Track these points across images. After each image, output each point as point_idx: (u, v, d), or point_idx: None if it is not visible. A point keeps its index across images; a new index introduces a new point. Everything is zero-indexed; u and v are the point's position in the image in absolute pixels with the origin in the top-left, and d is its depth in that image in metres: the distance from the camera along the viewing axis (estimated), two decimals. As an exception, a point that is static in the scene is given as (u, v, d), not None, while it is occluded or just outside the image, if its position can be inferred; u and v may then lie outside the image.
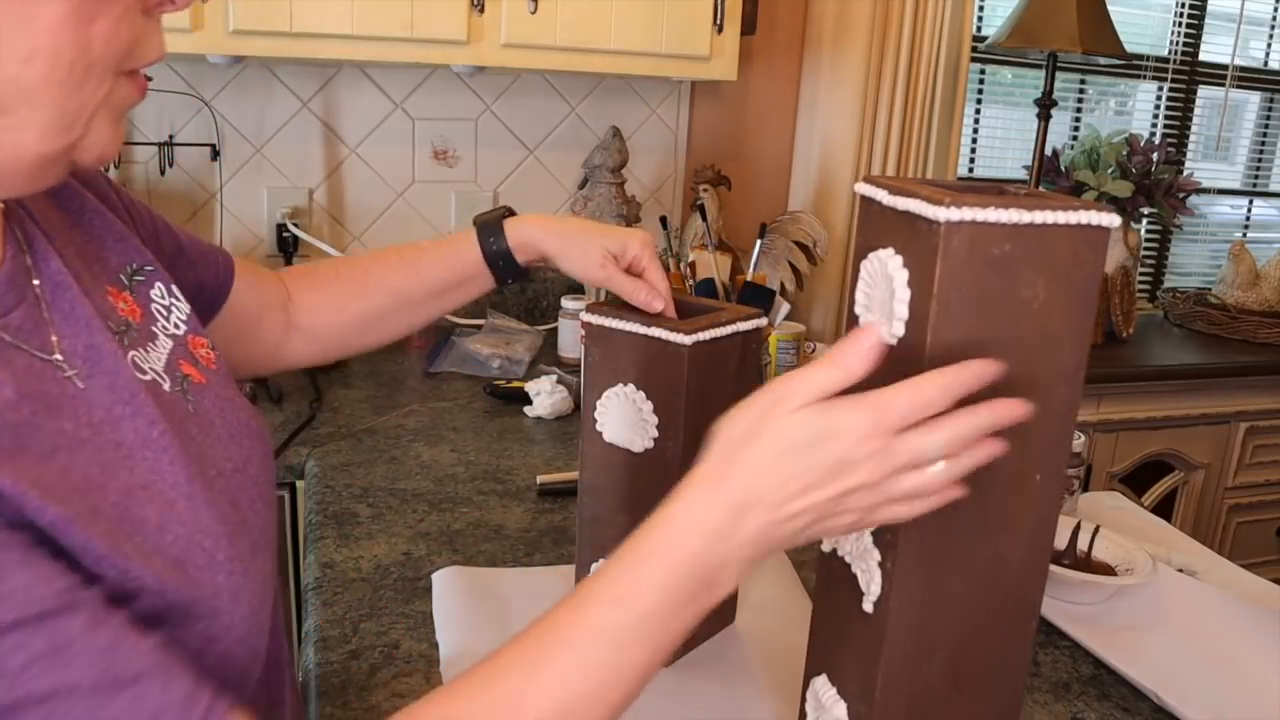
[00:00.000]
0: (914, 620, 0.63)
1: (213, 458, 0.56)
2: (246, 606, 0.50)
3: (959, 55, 2.14)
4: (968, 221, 0.55)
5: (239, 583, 0.50)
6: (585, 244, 0.88)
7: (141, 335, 0.58)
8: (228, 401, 0.62)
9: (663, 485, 0.81)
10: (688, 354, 0.79)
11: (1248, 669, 0.89)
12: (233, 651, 0.49)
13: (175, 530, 0.48)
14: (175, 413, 0.55)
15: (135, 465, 0.49)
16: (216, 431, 0.58)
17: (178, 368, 0.60)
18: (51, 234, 0.56)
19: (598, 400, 0.85)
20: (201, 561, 0.49)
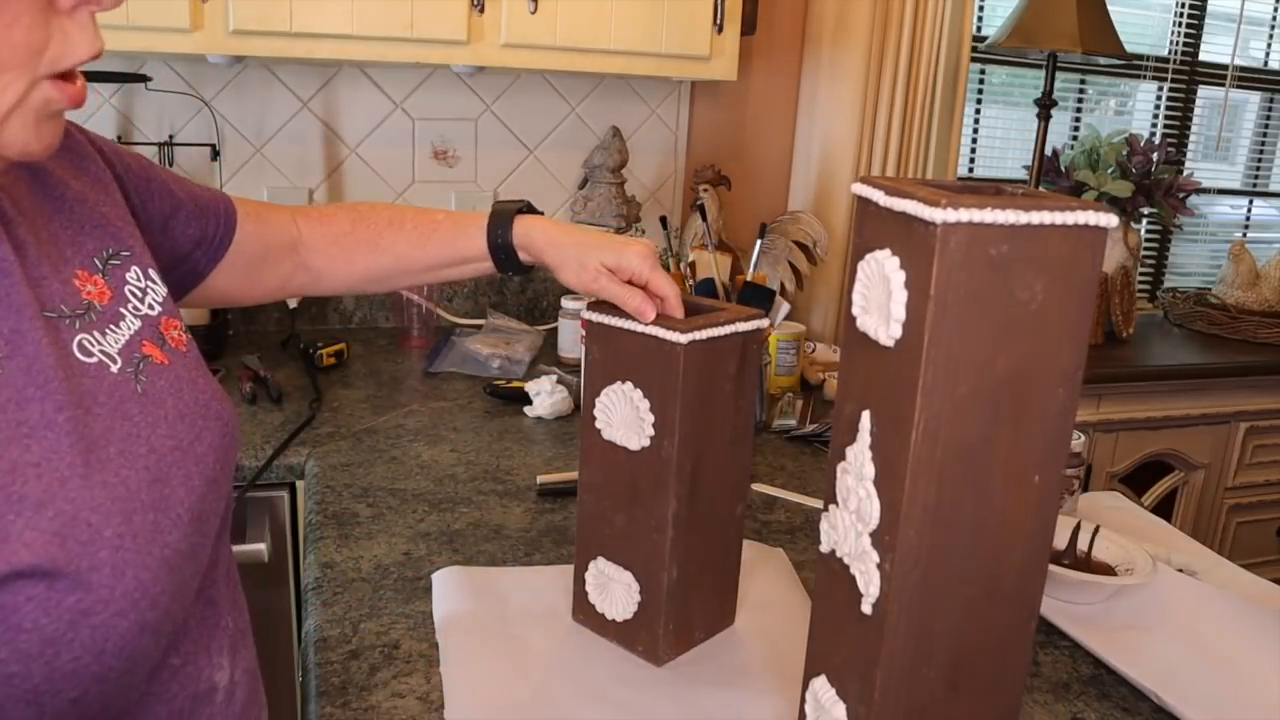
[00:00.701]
0: (913, 621, 0.63)
1: (144, 438, 0.58)
2: (132, 580, 0.52)
3: (959, 55, 2.14)
4: (964, 222, 0.55)
5: (126, 558, 0.52)
6: (582, 257, 0.87)
7: (103, 318, 0.61)
8: (188, 383, 0.65)
9: (659, 485, 0.82)
10: (683, 353, 0.79)
11: (1248, 669, 0.89)
12: (112, 623, 0.51)
13: (59, 506, 0.51)
14: (113, 397, 0.58)
15: (32, 444, 0.52)
16: (164, 411, 0.61)
17: (139, 348, 0.62)
18: (17, 219, 0.58)
19: (597, 398, 0.86)
20: (84, 537, 0.51)
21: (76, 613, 0.50)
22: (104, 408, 0.57)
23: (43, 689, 0.49)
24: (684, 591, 0.86)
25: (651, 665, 0.86)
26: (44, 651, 0.49)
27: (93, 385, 0.57)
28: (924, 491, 0.60)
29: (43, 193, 0.63)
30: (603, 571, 0.89)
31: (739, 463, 0.88)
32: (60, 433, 0.53)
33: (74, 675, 0.50)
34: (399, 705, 0.79)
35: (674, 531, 0.83)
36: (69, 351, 0.57)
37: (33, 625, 0.48)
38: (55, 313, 0.58)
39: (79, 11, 0.52)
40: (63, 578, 0.49)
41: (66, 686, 0.50)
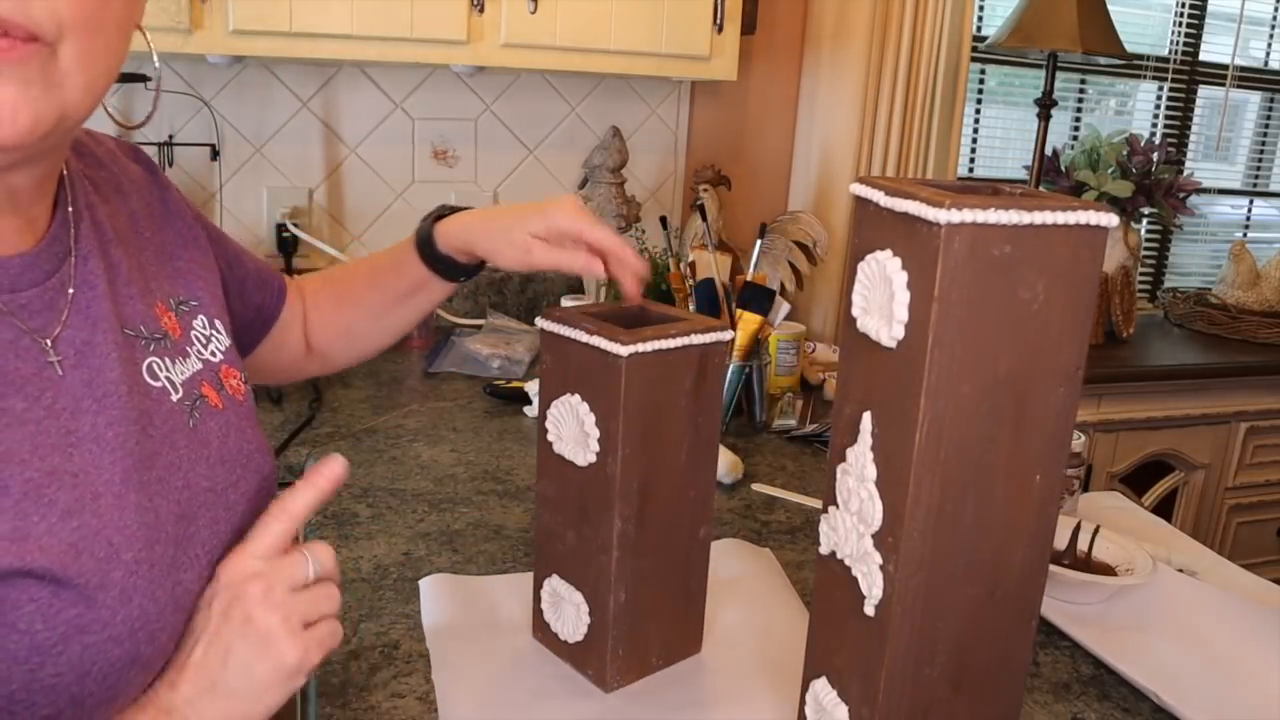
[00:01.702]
0: (916, 622, 0.63)
1: (183, 471, 0.58)
2: (137, 609, 0.52)
3: (959, 55, 2.14)
4: (968, 223, 0.55)
5: (137, 584, 0.52)
6: (508, 233, 0.83)
7: (175, 349, 0.63)
8: (236, 430, 0.65)
9: (604, 503, 0.78)
10: (624, 365, 0.74)
11: (1248, 669, 0.89)
12: (103, 647, 0.50)
13: (85, 519, 0.51)
14: (167, 424, 0.59)
15: (75, 454, 0.52)
16: (207, 451, 0.61)
17: (198, 388, 0.63)
18: (115, 241, 0.61)
19: (548, 409, 0.82)
20: (101, 554, 0.51)
21: (72, 627, 0.49)
22: (159, 430, 0.58)
23: (18, 698, 0.48)
24: (635, 616, 0.82)
25: (600, 690, 0.82)
26: (30, 659, 0.48)
27: (153, 407, 0.58)
28: (927, 493, 0.60)
29: (140, 227, 0.66)
30: (555, 590, 0.85)
31: (700, 483, 0.83)
32: (106, 448, 0.54)
33: (51, 691, 0.49)
34: (399, 705, 0.79)
35: (619, 553, 0.79)
36: (139, 370, 0.58)
37: (27, 628, 0.48)
38: (134, 332, 0.60)
39: None
40: (69, 588, 0.49)
41: (42, 701, 0.49)
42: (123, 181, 0.68)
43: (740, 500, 1.24)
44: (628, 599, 0.81)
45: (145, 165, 0.73)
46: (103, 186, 0.65)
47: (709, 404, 0.82)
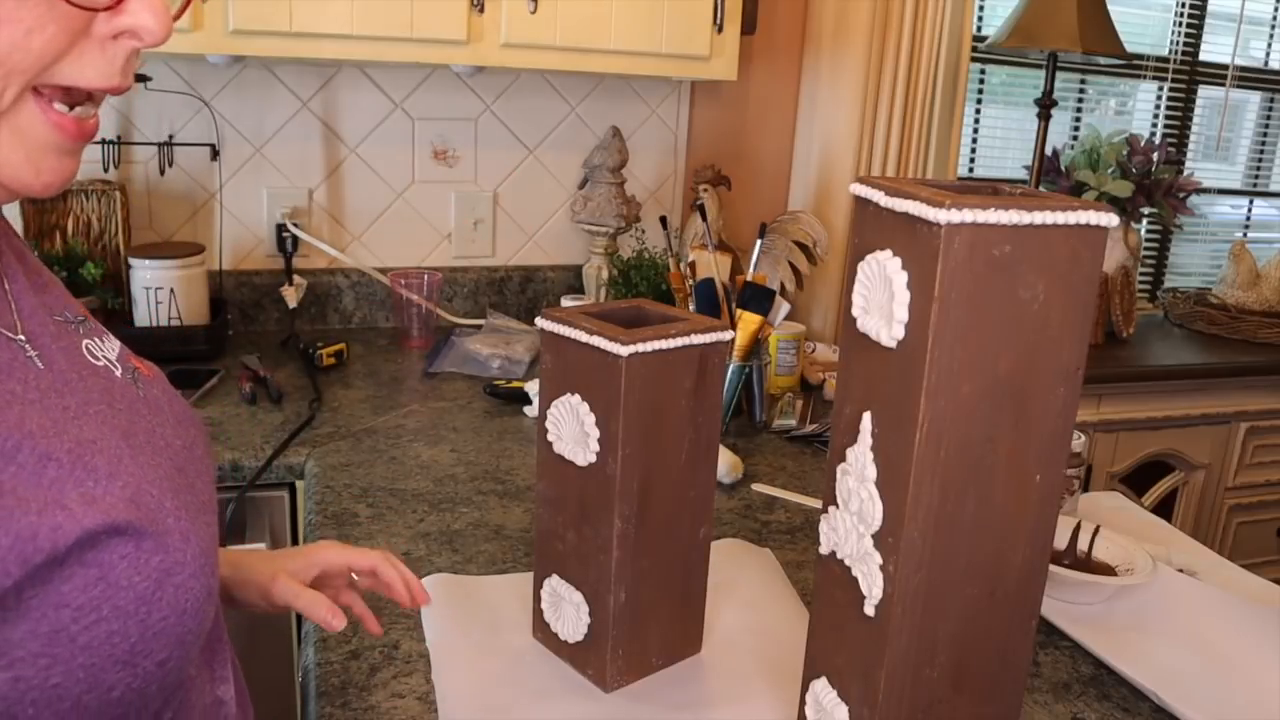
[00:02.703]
0: (916, 622, 0.63)
1: (161, 434, 0.60)
2: (196, 547, 0.54)
3: (959, 55, 2.14)
4: (968, 223, 0.55)
5: (187, 527, 0.54)
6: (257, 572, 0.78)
7: (93, 329, 0.63)
8: (173, 395, 0.67)
9: (604, 503, 0.78)
10: (624, 365, 0.74)
11: (1248, 669, 0.89)
12: (188, 584, 0.53)
13: (125, 478, 0.52)
14: (125, 396, 0.60)
15: (85, 425, 0.54)
16: (165, 416, 0.63)
17: (128, 360, 0.64)
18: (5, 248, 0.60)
19: (548, 409, 0.82)
20: (152, 504, 0.53)
21: (161, 571, 0.51)
22: (118, 405, 0.58)
23: (138, 649, 0.50)
24: (635, 616, 0.82)
25: (600, 690, 0.82)
26: (138, 609, 0.50)
27: (107, 384, 0.59)
28: (928, 493, 0.60)
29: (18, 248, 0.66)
30: (555, 590, 0.85)
31: (700, 483, 0.83)
32: (97, 420, 0.55)
33: (163, 635, 0.51)
34: (399, 705, 0.79)
35: (619, 553, 0.79)
36: (80, 352, 0.59)
37: (127, 583, 0.50)
38: (63, 317, 0.60)
39: (116, 44, 0.50)
40: (147, 536, 0.51)
41: (157, 646, 0.51)
42: None
43: (740, 500, 1.24)
44: (628, 599, 0.81)
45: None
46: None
47: (709, 404, 0.82)
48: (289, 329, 1.84)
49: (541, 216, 2.06)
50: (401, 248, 1.98)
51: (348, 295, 1.94)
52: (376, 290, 1.95)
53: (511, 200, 2.03)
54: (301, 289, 1.83)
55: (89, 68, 0.50)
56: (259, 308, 1.88)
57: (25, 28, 0.46)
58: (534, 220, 2.06)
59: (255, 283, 1.87)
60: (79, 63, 0.49)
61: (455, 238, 2.00)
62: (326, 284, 1.92)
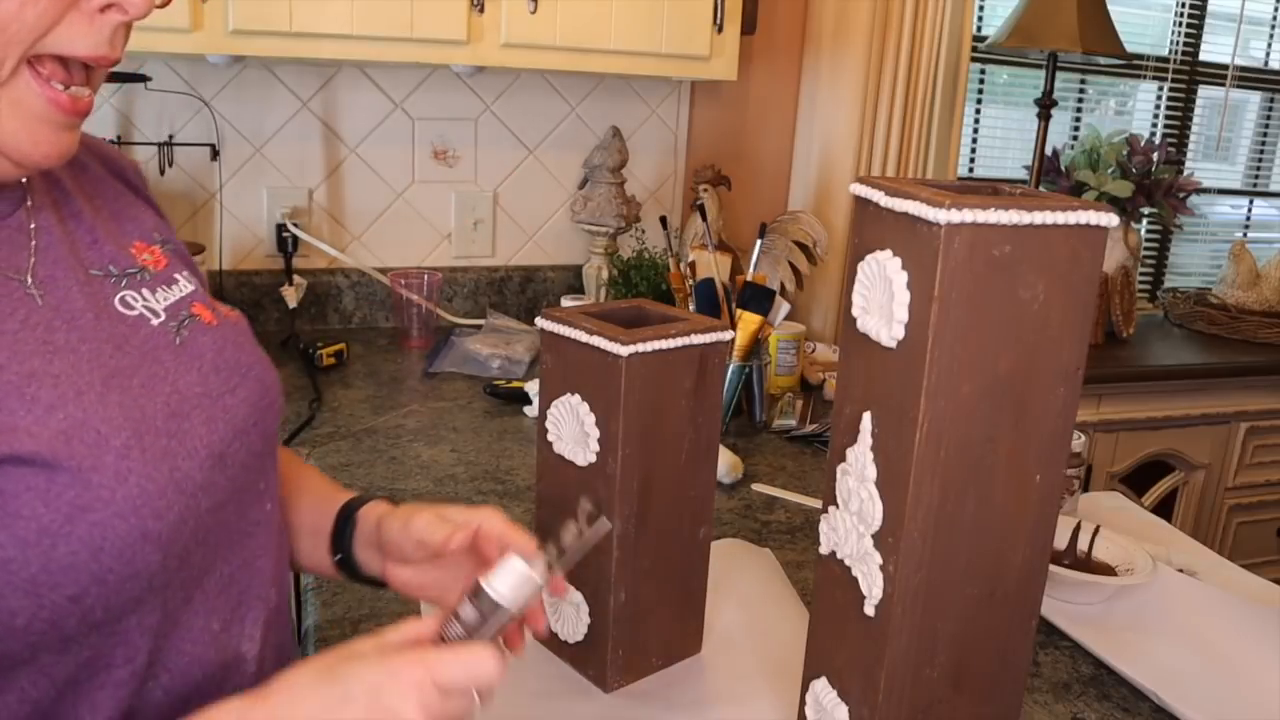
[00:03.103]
0: (916, 622, 0.63)
1: (170, 379, 0.62)
2: (135, 487, 0.55)
3: (959, 55, 2.14)
4: (968, 223, 0.55)
5: (131, 466, 0.55)
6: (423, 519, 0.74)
7: (155, 279, 0.67)
8: (232, 344, 0.69)
9: (604, 504, 0.77)
10: (625, 365, 0.74)
11: (1248, 669, 0.89)
12: (110, 524, 0.53)
13: (69, 411, 0.54)
14: (145, 342, 0.63)
15: (56, 359, 0.56)
16: (198, 362, 0.65)
17: (188, 308, 0.68)
18: (78, 195, 0.66)
19: (548, 409, 0.82)
20: (90, 440, 0.54)
21: (74, 507, 0.52)
22: (135, 349, 0.61)
23: (40, 579, 0.51)
24: (635, 616, 0.82)
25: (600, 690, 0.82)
26: (40, 541, 0.51)
27: (127, 331, 0.62)
28: (928, 493, 0.60)
29: (113, 182, 0.72)
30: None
31: (700, 483, 0.83)
32: (83, 358, 0.58)
33: (70, 570, 0.52)
34: (399, 706, 0.79)
35: (620, 553, 0.79)
36: (108, 304, 0.63)
37: (30, 513, 0.51)
38: (101, 271, 0.64)
39: (103, 16, 0.55)
40: (62, 471, 0.52)
41: (64, 581, 0.52)
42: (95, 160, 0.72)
43: (740, 500, 1.24)
44: (628, 599, 0.81)
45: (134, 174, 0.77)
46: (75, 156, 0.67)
47: (709, 404, 0.82)
48: (289, 329, 1.84)
49: (541, 216, 2.06)
50: (401, 248, 1.98)
51: (348, 295, 1.94)
52: (376, 290, 1.95)
53: (511, 200, 2.03)
54: (301, 289, 1.83)
55: (79, 39, 0.54)
56: (259, 308, 1.88)
57: (19, 1, 0.51)
58: (534, 220, 2.06)
59: (255, 283, 1.87)
60: (69, 33, 0.54)
61: (455, 238, 2.00)
62: (326, 284, 1.92)
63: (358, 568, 0.78)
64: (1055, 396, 0.62)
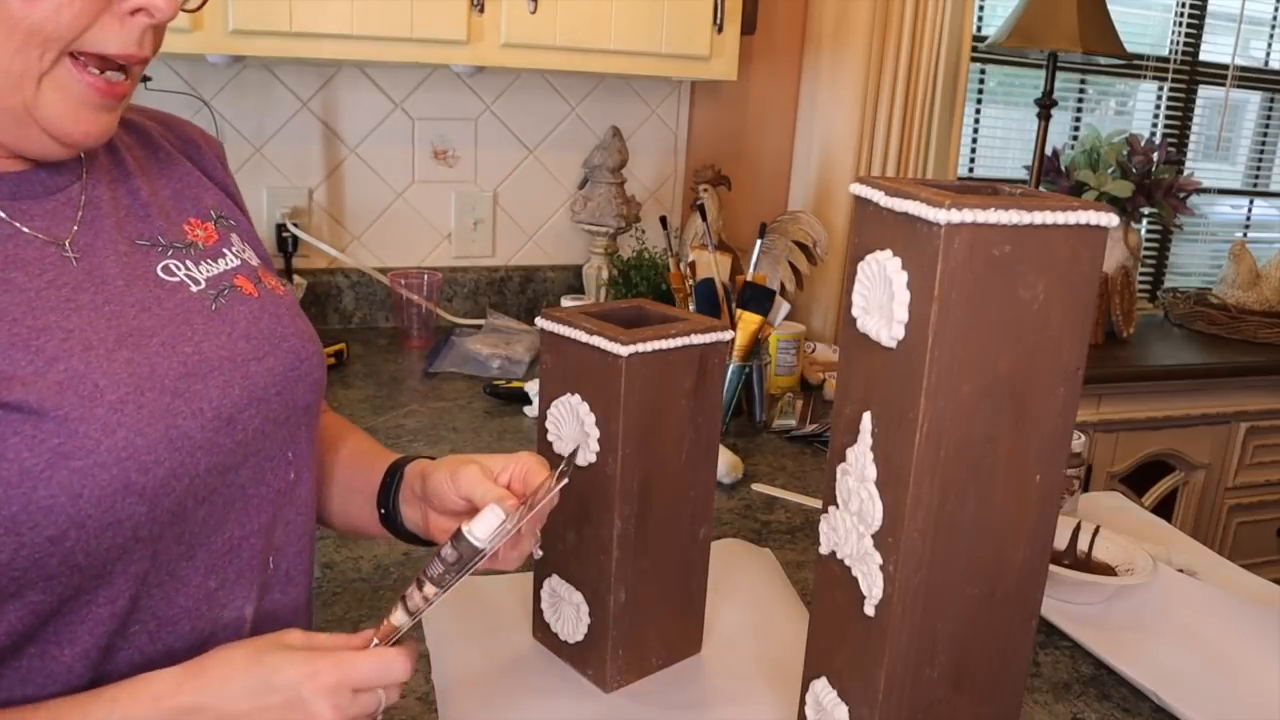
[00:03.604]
0: (916, 622, 0.63)
1: (194, 340, 0.65)
2: (122, 440, 0.57)
3: (959, 55, 2.14)
4: (968, 223, 0.55)
5: (121, 420, 0.58)
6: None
7: (202, 254, 0.71)
8: (271, 315, 0.71)
9: (604, 503, 0.78)
10: (625, 365, 0.74)
11: (1248, 669, 0.89)
12: (90, 472, 0.56)
13: (71, 364, 0.58)
14: (181, 306, 0.66)
15: (74, 316, 0.60)
16: (230, 328, 0.68)
17: (231, 280, 0.71)
18: (137, 173, 0.71)
19: (548, 409, 0.82)
20: (85, 392, 0.57)
21: (56, 454, 0.55)
22: (166, 311, 0.65)
23: (20, 519, 0.54)
24: (635, 616, 0.82)
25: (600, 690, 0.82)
26: (22, 482, 0.54)
27: (163, 295, 0.66)
28: (927, 493, 0.60)
29: (183, 162, 0.76)
30: (555, 590, 0.85)
31: (700, 483, 0.83)
32: (101, 315, 0.61)
33: (50, 512, 0.55)
34: (399, 705, 0.79)
35: (620, 553, 0.79)
36: (148, 270, 0.67)
37: (14, 456, 0.54)
38: (149, 242, 0.68)
39: (133, 19, 0.60)
40: (49, 419, 0.55)
41: (43, 522, 0.55)
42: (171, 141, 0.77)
43: (740, 500, 1.24)
44: (628, 599, 0.81)
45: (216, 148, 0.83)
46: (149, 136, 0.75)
47: (709, 404, 0.82)
48: (289, 329, 1.84)
49: (541, 216, 2.06)
50: (401, 248, 1.98)
51: (348, 295, 1.94)
52: (376, 290, 1.95)
53: (511, 200, 2.03)
54: (301, 289, 1.83)
55: (110, 38, 0.60)
56: (259, 308, 1.87)
57: (56, 4, 0.57)
58: (534, 220, 2.06)
59: (255, 283, 1.87)
60: (103, 33, 0.59)
61: (455, 238, 2.00)
62: (326, 284, 1.92)
63: (401, 522, 0.80)
64: (1055, 396, 0.62)
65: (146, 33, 0.62)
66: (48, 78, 0.59)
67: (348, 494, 0.85)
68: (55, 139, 0.61)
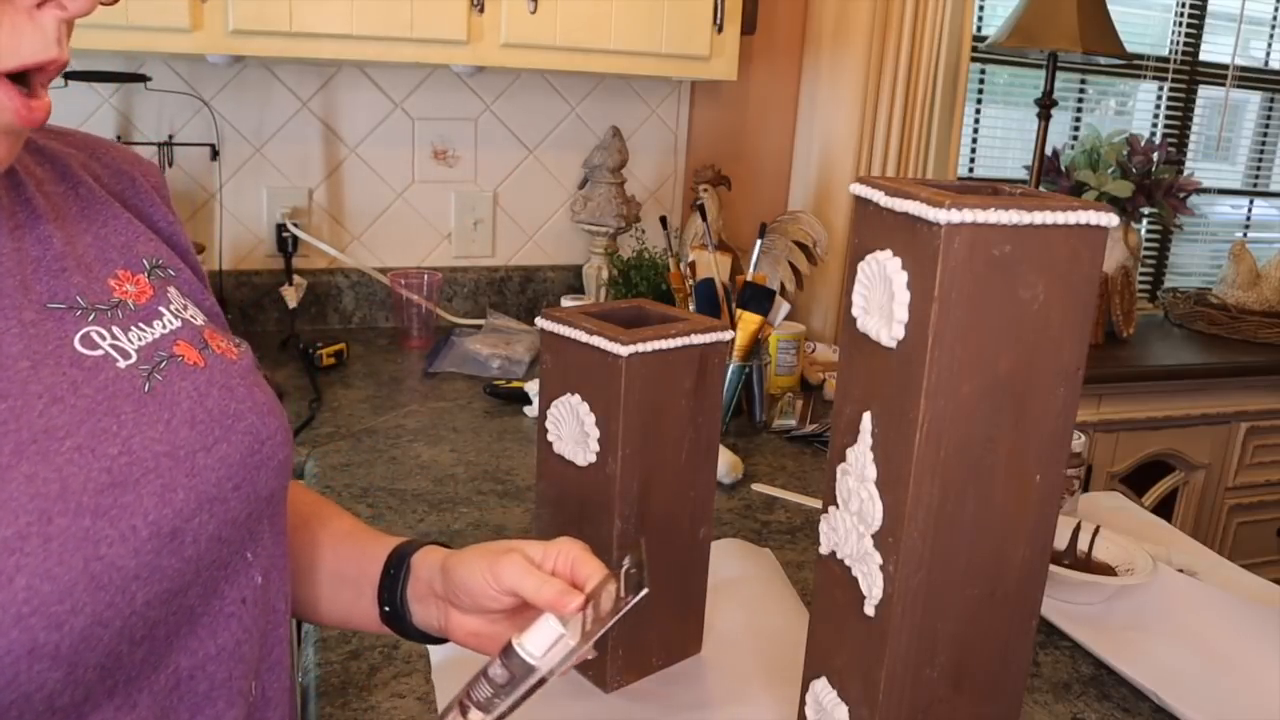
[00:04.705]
0: (916, 622, 0.63)
1: (122, 436, 0.52)
2: (23, 590, 0.45)
3: (959, 55, 2.14)
4: (968, 223, 0.55)
5: (21, 563, 0.45)
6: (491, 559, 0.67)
7: (132, 315, 0.58)
8: (222, 388, 0.59)
9: (604, 504, 0.77)
10: (625, 365, 0.74)
11: (1248, 669, 0.89)
12: None
13: None
14: (104, 390, 0.53)
15: None
16: (169, 413, 0.55)
17: (170, 347, 0.58)
18: (49, 215, 0.58)
19: (548, 409, 0.82)
20: None
21: None
22: (84, 400, 0.52)
23: None
24: (635, 616, 0.81)
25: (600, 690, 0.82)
26: None
27: (80, 377, 0.53)
28: (927, 493, 0.60)
29: (107, 201, 0.62)
30: None
31: (700, 484, 0.83)
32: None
33: None
34: (399, 705, 0.79)
35: (619, 553, 0.78)
36: (64, 343, 0.54)
37: None
38: (65, 304, 0.56)
39: (43, 12, 0.48)
40: None
41: None
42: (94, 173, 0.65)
43: (740, 500, 1.24)
44: None
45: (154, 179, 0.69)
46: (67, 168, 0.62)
47: (709, 404, 0.82)
48: (289, 329, 1.84)
49: (541, 216, 2.06)
50: (401, 248, 1.98)
51: (348, 295, 1.94)
52: (376, 290, 1.95)
53: (511, 200, 2.03)
54: (301, 289, 1.83)
55: (24, 44, 0.48)
56: (259, 308, 1.88)
57: None
58: (534, 220, 2.06)
59: (255, 283, 1.87)
60: (13, 38, 0.47)
61: (455, 238, 2.00)
62: (326, 284, 1.92)
63: (407, 620, 0.70)
64: (1055, 396, 0.62)
65: (63, 28, 0.49)
66: None
67: (338, 585, 0.73)
68: None
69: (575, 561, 0.64)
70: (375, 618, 0.71)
